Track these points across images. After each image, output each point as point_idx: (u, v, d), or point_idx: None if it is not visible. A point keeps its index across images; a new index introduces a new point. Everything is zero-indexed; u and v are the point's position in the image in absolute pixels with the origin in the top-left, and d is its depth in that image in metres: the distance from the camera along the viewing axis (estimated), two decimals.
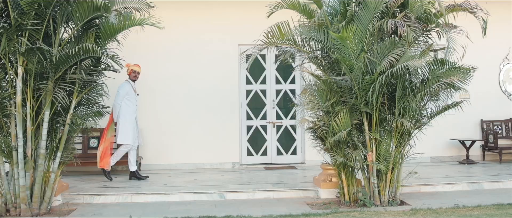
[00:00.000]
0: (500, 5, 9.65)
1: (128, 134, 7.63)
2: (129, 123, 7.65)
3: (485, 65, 9.70)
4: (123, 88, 7.69)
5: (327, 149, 6.22)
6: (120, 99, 7.64)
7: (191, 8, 9.06)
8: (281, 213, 5.81)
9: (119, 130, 7.66)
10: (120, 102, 7.64)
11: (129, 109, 7.69)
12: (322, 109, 6.21)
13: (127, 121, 7.64)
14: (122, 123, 7.64)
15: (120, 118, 7.65)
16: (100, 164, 7.71)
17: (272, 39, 5.99)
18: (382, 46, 5.77)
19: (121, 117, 7.64)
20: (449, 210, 5.86)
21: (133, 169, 7.77)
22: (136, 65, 7.90)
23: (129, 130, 7.64)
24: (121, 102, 7.64)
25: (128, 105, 7.68)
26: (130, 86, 7.76)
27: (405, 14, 5.80)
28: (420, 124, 6.27)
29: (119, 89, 7.68)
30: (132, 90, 7.77)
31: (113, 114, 7.73)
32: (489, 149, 9.29)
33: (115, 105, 7.66)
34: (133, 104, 7.76)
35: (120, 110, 7.64)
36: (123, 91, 7.66)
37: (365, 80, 5.69)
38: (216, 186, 7.07)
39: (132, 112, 7.75)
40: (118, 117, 7.66)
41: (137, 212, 6.04)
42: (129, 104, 7.69)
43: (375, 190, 6.15)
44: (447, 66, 5.85)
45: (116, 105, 7.65)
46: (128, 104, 7.68)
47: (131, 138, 7.66)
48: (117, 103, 7.65)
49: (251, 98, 9.25)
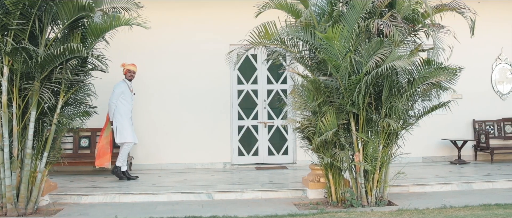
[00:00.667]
0: (492, 5, 9.65)
1: (126, 133, 7.62)
2: (126, 121, 7.64)
3: (478, 65, 9.72)
4: (119, 87, 7.68)
5: (314, 149, 6.21)
6: (115, 98, 7.63)
7: (182, 8, 9.06)
8: (267, 213, 5.80)
9: (117, 130, 7.62)
10: (115, 101, 7.63)
11: (125, 108, 7.68)
12: (309, 109, 6.19)
13: (123, 119, 7.63)
14: (119, 122, 7.62)
15: (116, 117, 7.63)
16: (97, 163, 7.71)
17: (258, 39, 5.97)
18: (368, 46, 5.76)
19: (118, 116, 7.62)
20: (436, 210, 5.85)
21: (123, 168, 7.76)
22: (132, 65, 7.89)
23: (127, 128, 7.62)
24: (116, 101, 7.63)
25: (124, 104, 7.68)
26: (126, 86, 7.76)
27: (392, 14, 5.79)
28: (407, 125, 6.25)
29: (114, 88, 7.69)
30: (128, 90, 7.76)
31: (108, 113, 7.73)
32: (481, 149, 9.28)
33: (110, 104, 7.66)
34: (128, 103, 7.75)
35: (116, 109, 7.63)
36: (118, 90, 7.65)
37: (351, 81, 5.68)
38: (204, 186, 7.06)
39: (128, 111, 7.74)
40: (114, 116, 7.64)
41: (124, 212, 6.04)
42: (124, 103, 7.68)
43: (362, 191, 6.14)
44: (434, 66, 5.82)
45: (111, 104, 7.64)
46: (123, 103, 7.67)
47: (130, 136, 7.65)
48: (112, 102, 7.64)
49: (242, 98, 9.24)
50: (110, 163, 7.79)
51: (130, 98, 7.81)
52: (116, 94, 7.64)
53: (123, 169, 7.74)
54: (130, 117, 7.79)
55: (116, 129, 7.63)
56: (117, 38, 7.38)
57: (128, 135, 7.64)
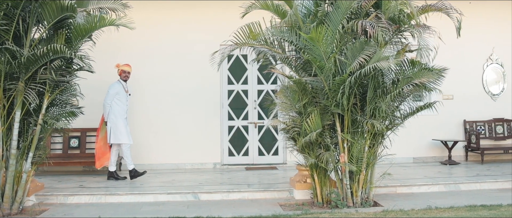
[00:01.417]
0: (483, 6, 9.63)
1: (121, 134, 7.60)
2: (121, 122, 7.62)
3: (469, 65, 9.72)
4: (113, 88, 7.66)
5: (299, 150, 6.20)
6: (109, 99, 7.61)
7: (172, 8, 9.05)
8: (251, 214, 5.80)
9: (111, 131, 7.60)
10: (109, 102, 7.61)
11: (119, 109, 7.66)
12: (295, 110, 6.19)
13: (118, 120, 7.61)
14: (113, 123, 7.60)
15: (110, 118, 7.61)
16: (98, 164, 7.70)
17: (243, 39, 5.96)
18: (353, 47, 5.75)
19: (112, 117, 7.60)
20: (421, 211, 5.84)
21: (113, 169, 7.76)
22: (126, 65, 7.86)
23: (121, 129, 7.61)
24: (110, 102, 7.61)
25: (119, 105, 7.66)
26: (121, 86, 7.74)
27: (376, 14, 5.77)
28: (393, 125, 6.24)
29: (109, 89, 7.67)
30: (123, 90, 7.74)
31: (103, 114, 7.73)
32: (472, 149, 9.27)
33: (104, 105, 7.64)
34: (123, 104, 7.73)
35: (111, 110, 7.60)
36: (113, 91, 7.63)
37: (336, 81, 5.67)
38: (191, 186, 7.06)
39: (123, 112, 7.72)
40: (108, 117, 7.62)
41: (109, 212, 6.04)
42: (119, 104, 7.66)
43: (347, 192, 6.13)
44: (418, 67, 5.81)
45: (105, 105, 7.62)
46: (118, 104, 7.65)
47: (125, 137, 7.63)
48: (106, 103, 7.62)
49: (232, 98, 9.24)
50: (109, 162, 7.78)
51: (125, 99, 7.79)
52: (111, 95, 7.62)
53: (112, 169, 7.73)
54: (125, 117, 7.76)
55: (110, 130, 7.60)
56: (108, 38, 7.41)
57: (123, 136, 7.62)
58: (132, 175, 7.67)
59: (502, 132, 9.59)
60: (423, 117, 8.82)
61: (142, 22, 8.96)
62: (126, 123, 7.78)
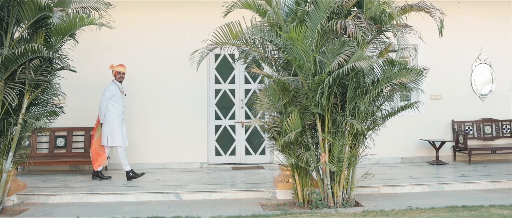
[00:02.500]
0: (472, 5, 9.61)
1: (117, 136, 7.57)
2: (117, 124, 7.59)
3: (457, 65, 9.69)
4: (109, 90, 7.60)
5: (280, 150, 6.19)
6: (105, 101, 7.56)
7: (160, 8, 9.04)
8: (231, 214, 5.79)
9: (106, 132, 7.56)
10: (105, 104, 7.56)
11: (116, 110, 7.62)
12: (275, 110, 6.17)
13: (114, 122, 7.57)
14: (109, 125, 7.56)
15: (107, 120, 7.56)
16: (95, 166, 7.66)
17: (223, 39, 5.94)
18: (332, 47, 5.72)
19: (108, 119, 7.56)
20: (401, 212, 5.82)
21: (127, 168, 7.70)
22: (121, 66, 7.81)
23: (117, 131, 7.57)
24: (106, 104, 7.56)
25: (115, 107, 7.61)
26: (117, 87, 7.70)
27: (356, 14, 5.75)
28: (375, 125, 6.22)
29: (104, 91, 7.62)
30: (118, 91, 7.70)
31: (99, 116, 7.68)
32: (460, 150, 9.24)
33: (100, 108, 7.59)
34: (120, 105, 7.69)
35: (107, 112, 7.55)
36: (108, 93, 7.58)
37: (314, 81, 5.64)
38: (174, 186, 7.04)
39: (120, 113, 7.68)
40: (105, 119, 7.57)
41: (89, 212, 6.03)
42: (115, 106, 7.62)
43: (328, 192, 6.11)
44: (397, 67, 5.79)
45: (101, 107, 7.58)
46: (115, 105, 7.61)
47: (120, 139, 7.61)
48: (102, 106, 7.57)
49: (219, 98, 9.22)
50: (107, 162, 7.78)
51: (121, 100, 7.74)
52: (107, 98, 7.57)
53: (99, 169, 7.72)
54: (122, 119, 7.73)
55: (107, 132, 7.56)
56: (94, 37, 7.41)
57: (119, 138, 7.59)
58: (130, 175, 7.63)
59: (491, 132, 9.56)
60: (411, 117, 8.82)
61: (129, 21, 9.02)
62: (123, 125, 7.74)
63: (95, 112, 8.77)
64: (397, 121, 8.67)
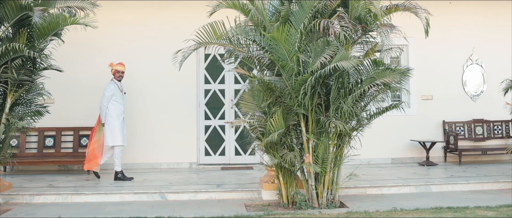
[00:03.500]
0: (463, 5, 9.56)
1: (117, 135, 7.55)
2: (117, 123, 7.56)
3: (449, 66, 9.64)
4: (109, 90, 7.56)
5: (264, 150, 6.16)
6: (106, 101, 7.52)
7: (149, 7, 9.02)
8: (213, 215, 5.76)
9: (108, 132, 7.53)
10: (106, 104, 7.52)
11: (117, 109, 7.58)
12: (259, 110, 6.15)
13: (115, 121, 7.55)
14: (111, 124, 7.53)
15: (107, 120, 7.53)
16: (86, 166, 7.62)
17: (207, 38, 5.91)
18: (315, 46, 5.69)
19: (109, 118, 7.53)
20: (385, 213, 5.79)
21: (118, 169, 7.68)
22: (120, 64, 7.77)
23: (118, 131, 7.55)
24: (107, 104, 7.52)
25: (115, 106, 7.58)
26: (116, 86, 7.66)
27: (339, 14, 5.71)
28: (360, 126, 6.18)
29: (104, 91, 7.57)
30: (118, 90, 7.66)
31: (100, 116, 7.65)
32: (450, 150, 9.19)
33: (101, 108, 7.55)
34: (120, 104, 7.66)
35: (108, 111, 7.51)
36: (109, 93, 7.54)
37: (297, 81, 5.62)
38: (159, 186, 7.01)
39: (120, 112, 7.65)
40: (106, 119, 7.54)
41: (72, 212, 6.01)
42: (116, 105, 7.58)
43: (313, 192, 6.08)
44: (381, 67, 5.75)
45: (102, 107, 7.54)
46: (115, 104, 7.57)
47: (120, 138, 7.59)
48: (103, 105, 7.53)
49: (209, 98, 9.19)
50: (99, 167, 7.71)
51: (121, 99, 7.71)
52: (107, 97, 7.52)
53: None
54: (122, 118, 7.70)
55: (108, 131, 7.53)
56: (81, 37, 7.40)
57: (119, 137, 7.57)
58: (119, 177, 7.59)
59: (482, 133, 9.51)
60: (401, 117, 8.76)
61: (120, 21, 9.02)
62: (124, 124, 7.71)
63: (85, 111, 8.81)
64: (387, 121, 8.69)
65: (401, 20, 6.42)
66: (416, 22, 6.50)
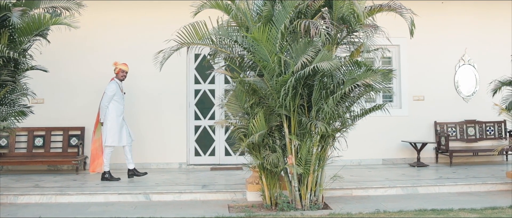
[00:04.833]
0: (455, 5, 9.50)
1: (115, 135, 7.53)
2: (116, 123, 7.54)
3: (441, 66, 9.58)
4: (111, 89, 7.53)
5: (248, 151, 6.13)
6: (107, 100, 7.49)
7: (138, 8, 9.01)
8: (195, 215, 5.75)
9: (106, 132, 7.52)
10: (107, 103, 7.49)
11: (117, 109, 7.56)
12: (242, 110, 6.12)
13: (114, 121, 7.53)
14: (110, 124, 7.51)
15: (107, 119, 7.51)
16: (91, 168, 7.61)
17: (188, 39, 5.89)
18: (297, 47, 5.65)
19: (109, 118, 7.51)
20: (368, 215, 5.75)
21: (131, 167, 7.69)
22: (124, 64, 7.76)
23: (116, 131, 7.53)
24: (108, 103, 7.50)
25: (115, 106, 7.56)
26: (117, 86, 7.65)
27: (322, 14, 5.67)
28: (343, 127, 6.14)
29: (106, 90, 7.55)
30: (119, 90, 7.66)
31: (99, 115, 7.63)
32: (442, 151, 9.13)
33: (102, 107, 7.53)
34: (120, 104, 7.64)
35: (108, 111, 7.50)
36: (111, 92, 7.51)
37: (278, 82, 5.58)
38: (145, 186, 7.00)
39: (120, 112, 7.63)
40: (105, 118, 7.53)
41: (54, 212, 6.00)
42: (116, 104, 7.56)
43: (296, 194, 6.05)
44: (363, 68, 5.71)
45: (103, 106, 7.51)
46: (115, 104, 7.55)
47: (117, 139, 7.57)
48: (104, 105, 7.50)
49: (199, 98, 9.18)
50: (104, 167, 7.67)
51: (122, 99, 7.70)
52: (109, 97, 7.50)
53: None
54: (122, 118, 7.68)
55: (107, 130, 7.52)
56: (68, 37, 7.39)
57: (116, 138, 7.55)
58: (106, 177, 7.57)
59: (474, 134, 9.44)
60: (393, 118, 8.75)
61: (111, 22, 9.02)
62: (123, 124, 7.69)
63: (75, 111, 8.82)
64: (378, 122, 8.66)
65: (392, 21, 6.38)
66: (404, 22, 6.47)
